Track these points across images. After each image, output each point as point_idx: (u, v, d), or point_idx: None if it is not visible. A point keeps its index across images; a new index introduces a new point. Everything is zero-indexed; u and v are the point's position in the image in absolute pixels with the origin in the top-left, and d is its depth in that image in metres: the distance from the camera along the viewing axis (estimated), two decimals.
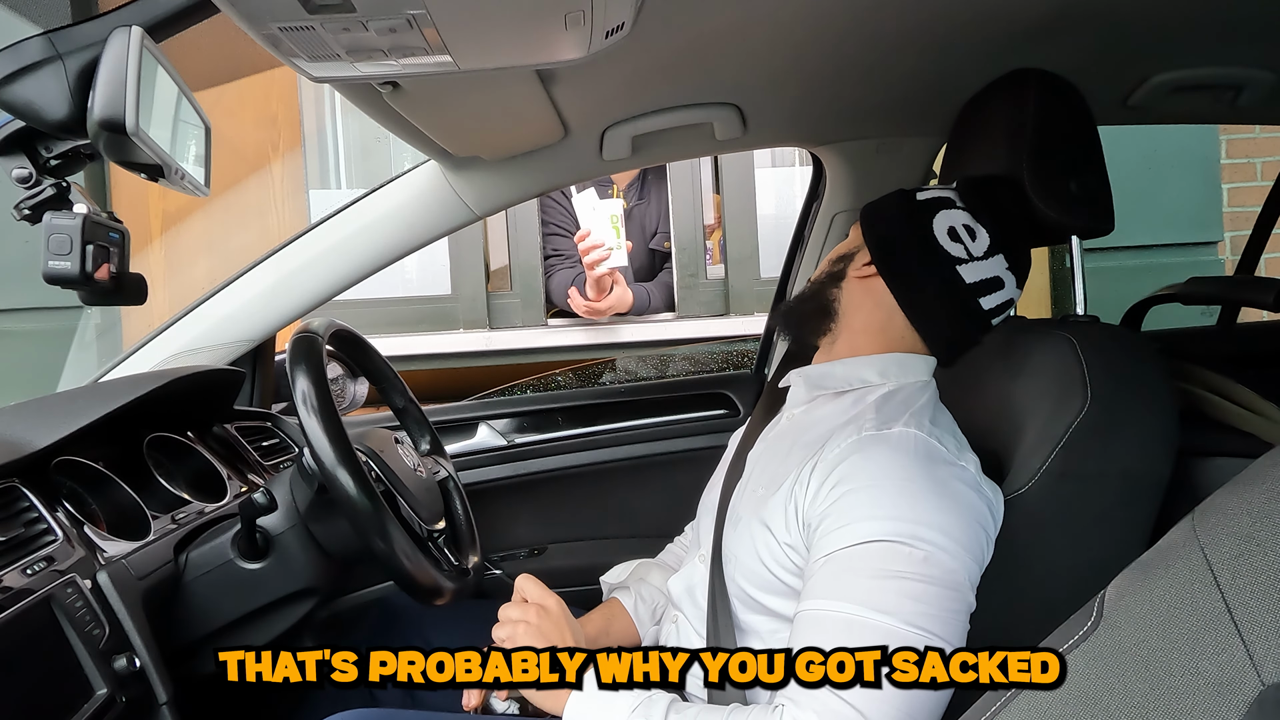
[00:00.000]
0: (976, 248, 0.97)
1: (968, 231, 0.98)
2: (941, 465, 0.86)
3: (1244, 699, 0.41)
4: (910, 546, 0.80)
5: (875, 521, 0.82)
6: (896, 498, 0.83)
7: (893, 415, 0.91)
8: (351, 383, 1.55)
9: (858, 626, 0.79)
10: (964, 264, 0.97)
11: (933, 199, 1.01)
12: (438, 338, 2.67)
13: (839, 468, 0.87)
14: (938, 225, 0.98)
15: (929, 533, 0.81)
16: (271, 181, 2.89)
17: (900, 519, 0.81)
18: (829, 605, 0.81)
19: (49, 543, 0.90)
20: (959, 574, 0.81)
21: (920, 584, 0.79)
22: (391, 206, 1.45)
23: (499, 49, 0.85)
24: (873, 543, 0.81)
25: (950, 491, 0.84)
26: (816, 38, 1.10)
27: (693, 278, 2.75)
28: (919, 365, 1.00)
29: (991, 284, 0.98)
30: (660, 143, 1.43)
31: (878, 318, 1.01)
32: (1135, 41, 1.21)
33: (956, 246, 0.97)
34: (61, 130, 0.76)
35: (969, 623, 0.84)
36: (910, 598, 0.79)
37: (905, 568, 0.80)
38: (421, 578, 1.03)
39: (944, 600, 0.80)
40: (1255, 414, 1.11)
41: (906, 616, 0.78)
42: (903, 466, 0.84)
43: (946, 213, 0.99)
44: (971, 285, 0.97)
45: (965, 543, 0.82)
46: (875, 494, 0.83)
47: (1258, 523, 0.45)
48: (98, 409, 1.03)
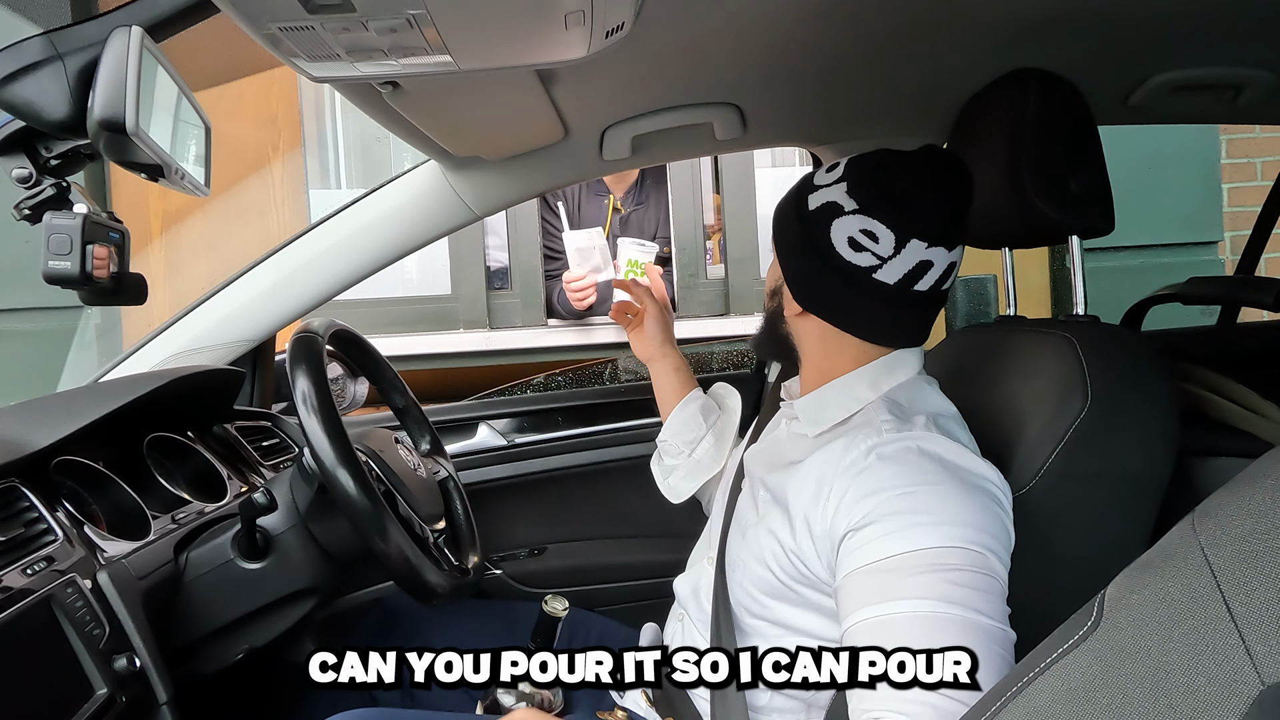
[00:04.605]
0: (883, 249, 0.89)
1: (867, 236, 0.89)
2: (962, 463, 0.85)
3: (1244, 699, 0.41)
4: (962, 549, 0.78)
5: (921, 529, 0.79)
6: (932, 502, 0.81)
7: (904, 417, 0.90)
8: (351, 383, 1.55)
9: (932, 619, 0.75)
10: (879, 269, 0.90)
11: (821, 208, 0.92)
12: (438, 338, 2.67)
13: (862, 476, 0.84)
14: (836, 240, 0.91)
15: (973, 533, 0.79)
16: (271, 181, 2.89)
17: (946, 523, 0.79)
18: (889, 609, 0.77)
19: (49, 543, 0.90)
20: (1000, 571, 0.80)
21: (979, 575, 0.78)
22: (391, 206, 1.45)
23: (499, 49, 0.85)
24: (923, 550, 0.79)
25: (977, 487, 0.83)
26: (816, 38, 1.10)
27: (693, 278, 2.75)
28: (905, 361, 0.97)
29: (917, 271, 0.90)
30: (660, 143, 1.43)
31: (834, 340, 0.97)
32: (1135, 41, 1.21)
33: (863, 255, 0.90)
34: (61, 130, 0.76)
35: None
36: (974, 589, 0.77)
37: (962, 563, 0.78)
38: (421, 578, 1.03)
39: (998, 594, 0.79)
40: (1255, 414, 1.11)
41: (977, 606, 0.76)
42: (929, 470, 0.83)
43: (839, 221, 0.91)
44: (897, 283, 0.90)
45: (998, 535, 0.82)
46: (912, 502, 0.81)
47: (1258, 523, 0.44)
48: (98, 409, 1.03)
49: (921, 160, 0.92)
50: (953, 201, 0.92)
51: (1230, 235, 3.11)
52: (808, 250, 0.94)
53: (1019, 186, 1.02)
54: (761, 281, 2.78)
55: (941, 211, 0.91)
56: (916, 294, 0.91)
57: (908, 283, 0.90)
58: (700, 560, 1.09)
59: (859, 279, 0.91)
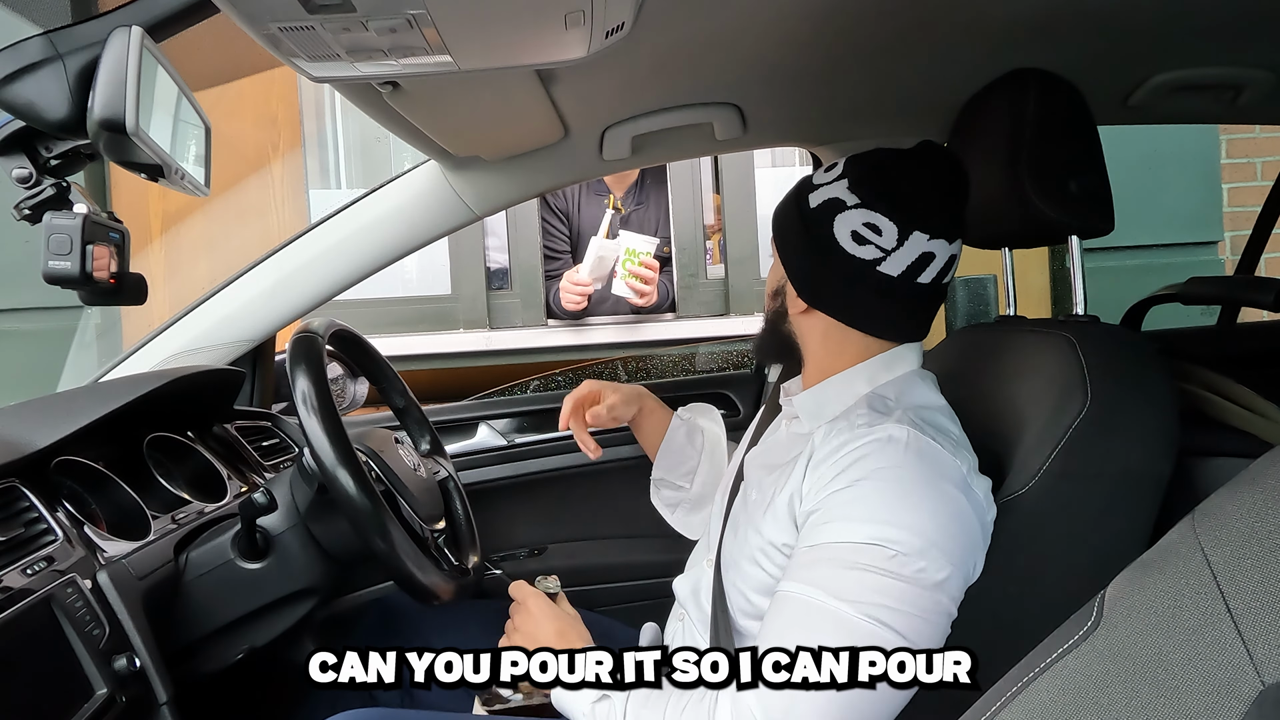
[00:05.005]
0: (886, 241, 0.90)
1: (871, 229, 0.91)
2: (931, 464, 0.85)
3: (1244, 699, 0.41)
4: (884, 548, 0.80)
5: (858, 523, 0.82)
6: (881, 499, 0.83)
7: (884, 412, 0.90)
8: (351, 383, 1.55)
9: (815, 610, 0.80)
10: (882, 261, 0.91)
11: (824, 204, 0.94)
12: (438, 338, 2.67)
13: (823, 466, 0.87)
14: (839, 234, 0.92)
15: (909, 536, 0.81)
16: (271, 181, 2.89)
17: (883, 522, 0.81)
18: (796, 588, 0.83)
19: (49, 543, 0.90)
20: (935, 576, 0.81)
21: (888, 579, 0.80)
22: (391, 206, 1.45)
23: (499, 49, 0.85)
24: (852, 543, 0.81)
25: (938, 493, 0.84)
26: (816, 38, 1.10)
27: (693, 278, 2.75)
28: (903, 357, 0.98)
29: (920, 263, 0.91)
30: (660, 143, 1.43)
31: (838, 337, 0.98)
32: (1135, 41, 1.21)
33: (866, 249, 0.91)
34: (61, 130, 0.76)
35: (950, 626, 0.84)
36: (874, 590, 0.80)
37: (877, 563, 0.80)
38: (421, 578, 1.03)
39: (913, 598, 0.80)
40: (1255, 414, 1.11)
41: (865, 608, 0.79)
42: (892, 467, 0.84)
43: (841, 216, 0.92)
44: (901, 275, 0.92)
45: (946, 546, 0.82)
46: (861, 492, 0.83)
47: (1258, 523, 0.44)
48: (98, 409, 1.03)
49: (920, 155, 0.94)
50: (951, 195, 0.94)
51: (1230, 235, 3.11)
52: (811, 247, 0.95)
53: (1019, 186, 1.02)
54: (762, 281, 2.78)
55: (942, 204, 0.93)
56: (919, 287, 0.92)
57: (911, 275, 0.92)
58: (700, 561, 1.10)
59: (863, 272, 0.92)
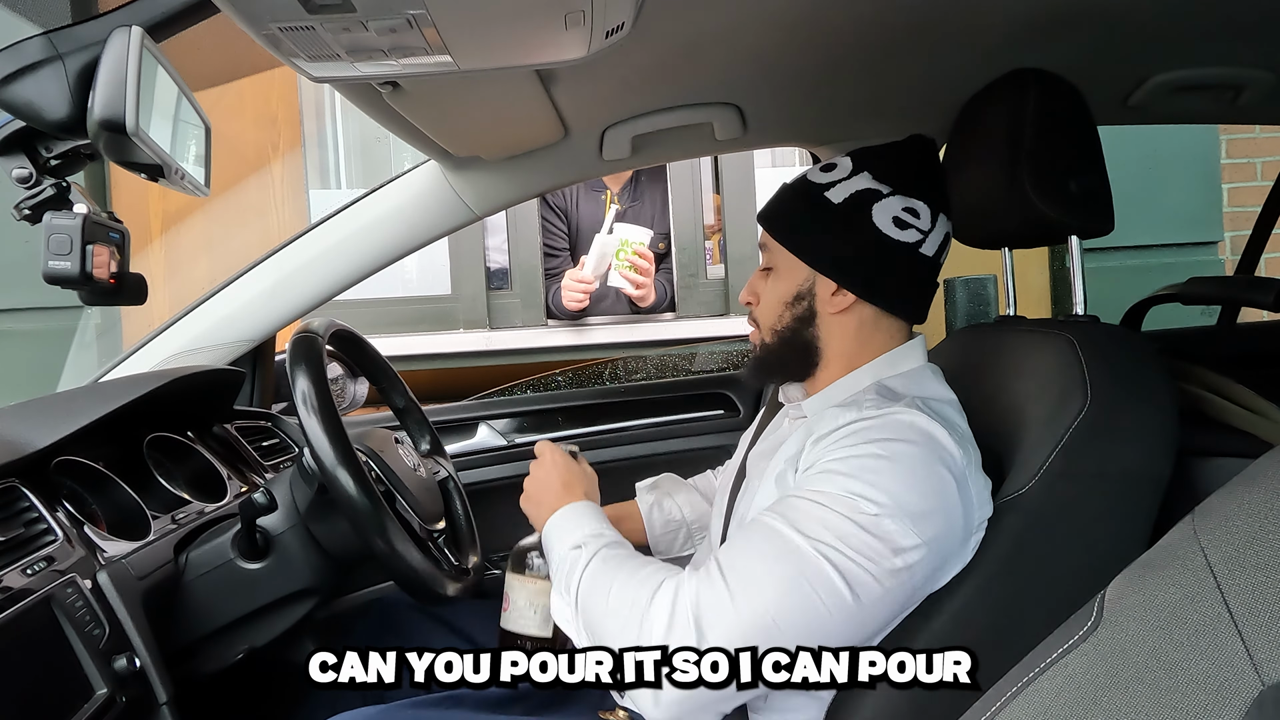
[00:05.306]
0: (923, 223, 0.96)
1: (910, 213, 0.96)
2: (931, 446, 0.86)
3: (1244, 699, 0.41)
4: (859, 502, 0.82)
5: (842, 478, 0.84)
6: (874, 465, 0.84)
7: (893, 398, 0.92)
8: (351, 383, 1.55)
9: (771, 535, 0.83)
10: (922, 243, 0.96)
11: (854, 196, 0.96)
12: (438, 338, 2.67)
13: (831, 436, 0.88)
14: (880, 222, 0.95)
15: (888, 500, 0.82)
16: (271, 181, 2.89)
17: (867, 484, 0.82)
18: (764, 516, 0.87)
19: (49, 543, 0.90)
20: (901, 542, 0.81)
21: (851, 526, 0.81)
22: (391, 206, 1.45)
23: (499, 49, 0.85)
24: (829, 492, 0.83)
25: (932, 474, 0.84)
26: (816, 37, 1.10)
27: (693, 278, 2.75)
28: (908, 355, 0.99)
29: (945, 241, 1.00)
30: (660, 143, 1.43)
31: (863, 333, 0.99)
32: (1135, 41, 1.21)
33: (908, 232, 0.96)
34: (61, 130, 0.76)
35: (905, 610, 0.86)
36: (834, 532, 0.81)
37: (846, 511, 0.82)
38: (421, 578, 1.03)
39: (870, 553, 0.81)
40: (1255, 414, 1.11)
41: (818, 545, 0.81)
42: (892, 440, 0.85)
43: (879, 205, 0.96)
44: (934, 255, 0.98)
45: (923, 524, 0.82)
46: (855, 454, 0.85)
47: (1257, 523, 0.45)
48: (98, 409, 1.03)
49: (920, 145, 1.02)
50: (942, 176, 1.02)
51: (1230, 235, 3.11)
52: (849, 239, 0.97)
53: (1019, 186, 1.02)
54: None
55: (943, 186, 1.00)
56: (939, 265, 0.99)
57: (940, 254, 0.98)
58: (704, 560, 1.10)
59: (908, 255, 0.96)
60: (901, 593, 0.84)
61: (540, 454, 1.08)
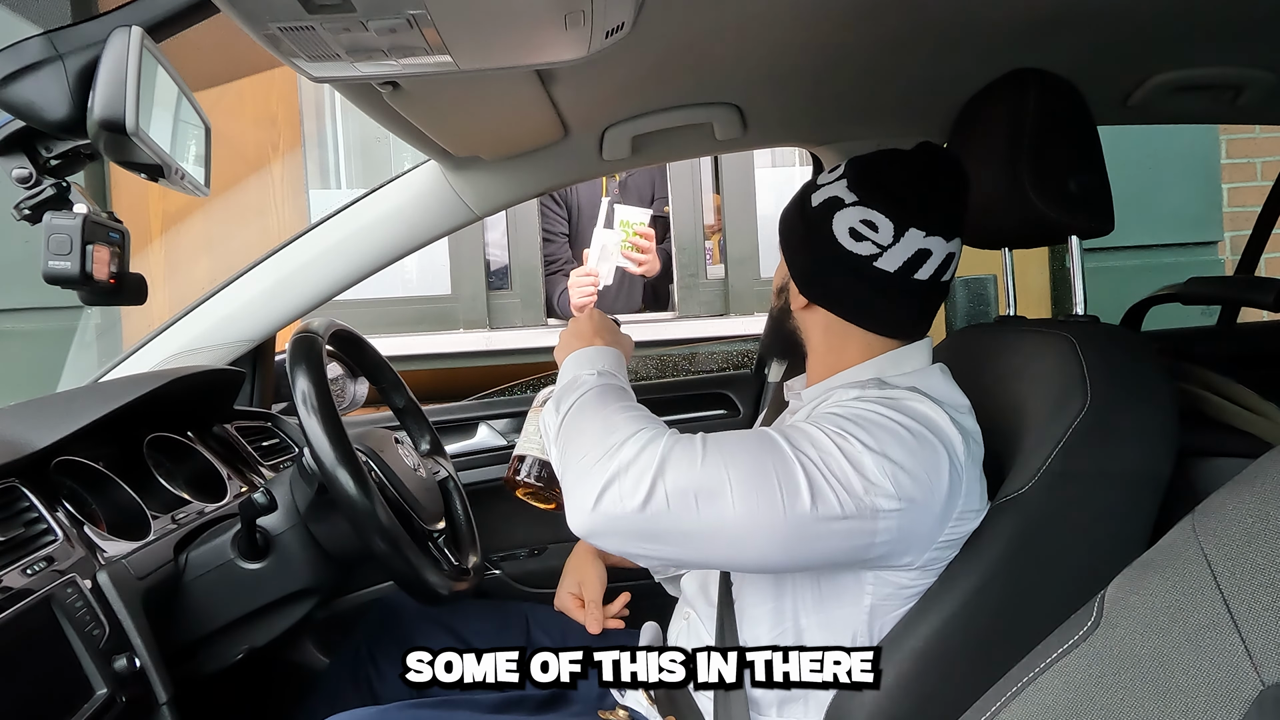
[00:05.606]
0: (882, 238, 0.92)
1: (867, 226, 0.93)
2: (934, 428, 0.86)
3: (1244, 699, 0.41)
4: (846, 435, 0.83)
5: (833, 428, 0.84)
6: (870, 427, 0.84)
7: (898, 383, 0.92)
8: (351, 383, 1.55)
9: (763, 435, 0.86)
10: (879, 257, 0.92)
11: (824, 202, 0.96)
12: (438, 338, 2.67)
13: (830, 408, 0.89)
14: (838, 231, 0.94)
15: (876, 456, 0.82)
16: (271, 181, 2.89)
17: (860, 441, 0.83)
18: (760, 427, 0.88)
19: (49, 543, 0.90)
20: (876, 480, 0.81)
21: (834, 448, 0.82)
22: (391, 206, 1.45)
23: (499, 49, 0.85)
24: (821, 425, 0.85)
25: (928, 448, 0.84)
26: (816, 38, 1.10)
27: (693, 278, 2.75)
28: (912, 355, 0.98)
29: (916, 259, 0.93)
30: (660, 143, 1.43)
31: (839, 332, 0.99)
32: (1135, 41, 1.21)
33: (863, 245, 0.93)
34: (61, 130, 0.75)
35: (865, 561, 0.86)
36: (816, 446, 0.83)
37: (833, 437, 0.83)
38: (421, 578, 1.03)
39: (844, 478, 0.81)
40: (1255, 414, 1.11)
41: (798, 452, 0.82)
42: (894, 413, 0.86)
43: (840, 214, 0.94)
44: (897, 271, 0.93)
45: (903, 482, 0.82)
46: (853, 417, 0.85)
47: (1257, 523, 0.45)
48: (98, 409, 1.03)
49: (918, 155, 0.96)
50: (948, 192, 0.95)
51: (1230, 235, 3.11)
52: (810, 244, 0.97)
53: (1019, 186, 1.02)
54: (762, 281, 2.79)
55: (938, 202, 0.94)
56: (916, 283, 0.94)
57: (908, 271, 0.93)
58: None
59: (861, 268, 0.93)
60: (854, 536, 0.83)
61: (580, 310, 1.10)
